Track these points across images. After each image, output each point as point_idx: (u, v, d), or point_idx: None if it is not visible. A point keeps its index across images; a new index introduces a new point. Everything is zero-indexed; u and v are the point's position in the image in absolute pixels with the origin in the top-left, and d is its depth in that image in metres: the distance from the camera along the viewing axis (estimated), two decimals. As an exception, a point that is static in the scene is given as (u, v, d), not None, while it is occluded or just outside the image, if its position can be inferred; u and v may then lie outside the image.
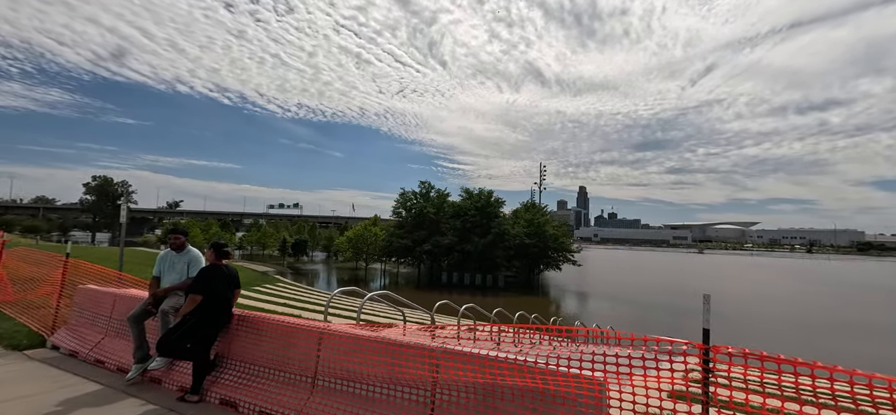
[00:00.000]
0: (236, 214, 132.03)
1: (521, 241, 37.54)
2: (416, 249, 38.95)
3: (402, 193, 44.02)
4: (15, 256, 8.55)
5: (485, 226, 39.21)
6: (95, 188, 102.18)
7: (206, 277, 4.01)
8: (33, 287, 8.11)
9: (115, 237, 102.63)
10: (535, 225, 39.68)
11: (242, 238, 78.08)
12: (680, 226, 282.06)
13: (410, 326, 6.78)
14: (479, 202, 40.10)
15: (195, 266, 4.91)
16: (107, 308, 5.46)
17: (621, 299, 33.88)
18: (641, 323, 24.99)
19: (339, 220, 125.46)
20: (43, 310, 6.86)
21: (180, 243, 4.95)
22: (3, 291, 8.07)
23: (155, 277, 4.90)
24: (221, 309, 4.10)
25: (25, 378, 4.53)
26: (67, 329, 5.74)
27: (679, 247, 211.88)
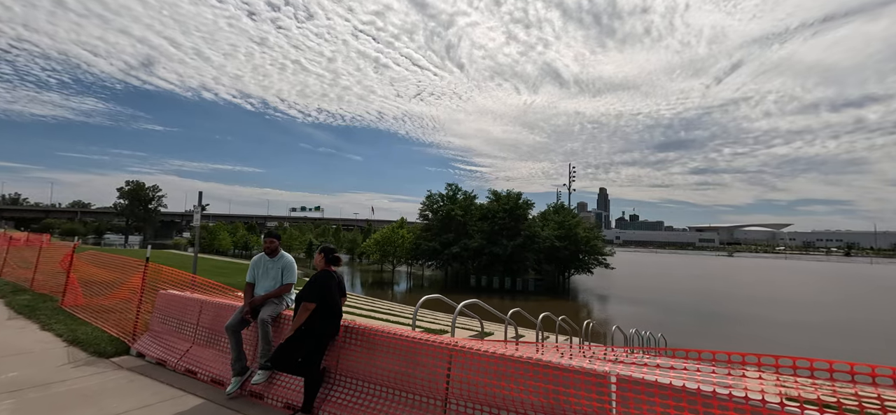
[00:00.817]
0: (261, 217, 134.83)
1: (552, 243, 36.76)
2: (444, 251, 38.64)
3: (429, 195, 43.88)
4: (84, 259, 8.61)
5: (513, 228, 38.59)
6: (128, 193, 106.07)
7: (322, 284, 3.75)
8: (103, 291, 8.13)
9: (145, 240, 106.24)
10: (565, 227, 38.84)
11: (268, 241, 79.28)
12: (706, 228, 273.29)
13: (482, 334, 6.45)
14: (507, 204, 39.50)
15: (289, 272, 4.69)
16: (193, 315, 5.30)
17: (666, 306, 32.70)
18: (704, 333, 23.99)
19: (361, 223, 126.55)
20: (118, 314, 6.81)
21: (274, 248, 4.74)
22: (75, 296, 8.11)
23: (249, 284, 4.70)
24: (335, 319, 3.84)
25: (124, 390, 4.38)
26: (151, 336, 5.62)
27: (706, 250, 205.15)
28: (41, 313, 7.40)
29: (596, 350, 3.30)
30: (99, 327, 6.50)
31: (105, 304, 7.48)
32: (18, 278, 11.04)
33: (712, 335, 23.56)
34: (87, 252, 9.04)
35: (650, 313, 28.15)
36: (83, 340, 5.87)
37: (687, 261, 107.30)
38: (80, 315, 7.31)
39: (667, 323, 24.15)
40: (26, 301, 8.33)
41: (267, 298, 4.48)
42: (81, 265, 8.49)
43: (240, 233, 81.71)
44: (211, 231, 79.21)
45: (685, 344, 20.12)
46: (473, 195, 43.90)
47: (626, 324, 22.70)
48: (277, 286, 4.62)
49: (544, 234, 37.17)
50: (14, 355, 5.27)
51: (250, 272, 4.74)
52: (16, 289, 9.70)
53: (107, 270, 8.44)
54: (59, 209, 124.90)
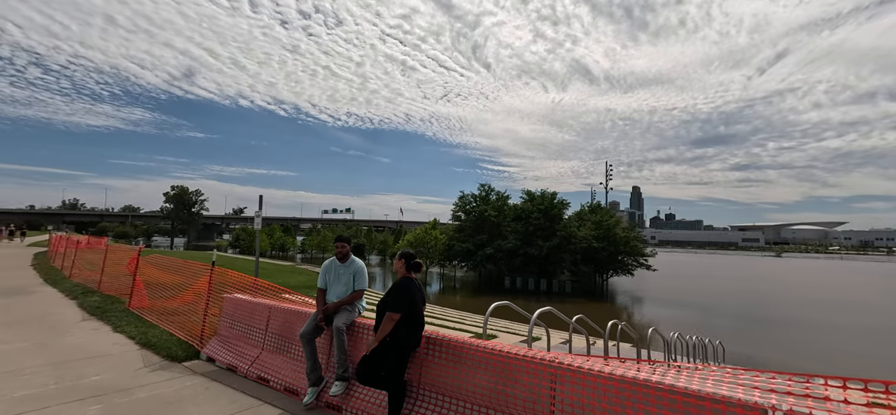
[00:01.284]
0: (294, 219, 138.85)
1: (589, 244, 35.61)
2: (478, 253, 38.24)
3: (461, 196, 43.59)
4: (148, 263, 8.90)
5: (549, 229, 37.70)
6: (173, 197, 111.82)
7: (408, 292, 3.53)
8: (167, 294, 8.36)
9: (189, 242, 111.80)
10: (603, 227, 37.54)
11: (304, 242, 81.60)
12: (749, 227, 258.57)
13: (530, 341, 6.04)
14: (542, 204, 38.65)
15: (360, 278, 4.53)
16: (261, 321, 5.25)
17: (715, 310, 30.99)
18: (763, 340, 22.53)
19: (391, 224, 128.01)
20: (183, 317, 6.94)
21: (345, 253, 4.59)
22: (141, 298, 8.38)
23: (321, 290, 4.57)
24: (419, 329, 3.63)
25: (201, 397, 4.34)
26: (219, 341, 5.63)
27: (750, 250, 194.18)
28: (112, 315, 7.67)
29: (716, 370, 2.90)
30: (167, 330, 6.63)
31: (170, 306, 7.66)
32: (86, 280, 11.63)
33: (774, 342, 22.01)
34: (150, 256, 9.35)
35: (699, 318, 26.67)
36: (155, 343, 5.98)
37: (730, 262, 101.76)
38: (147, 317, 7.51)
39: (720, 328, 22.77)
40: (96, 303, 8.69)
41: (340, 305, 4.33)
42: (145, 268, 8.77)
43: (277, 235, 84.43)
44: (250, 233, 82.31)
45: (745, 352, 18.84)
46: (506, 196, 43.32)
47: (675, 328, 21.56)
48: (349, 292, 4.46)
49: (581, 234, 36.06)
50: (94, 358, 5.40)
51: (322, 278, 4.61)
52: (86, 291, 10.19)
53: (168, 273, 8.68)
54: (112, 213, 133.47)
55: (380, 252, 77.64)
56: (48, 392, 4.27)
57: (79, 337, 6.40)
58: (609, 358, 3.51)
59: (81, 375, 4.77)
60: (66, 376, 4.70)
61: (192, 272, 7.77)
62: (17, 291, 10.46)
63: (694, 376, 2.67)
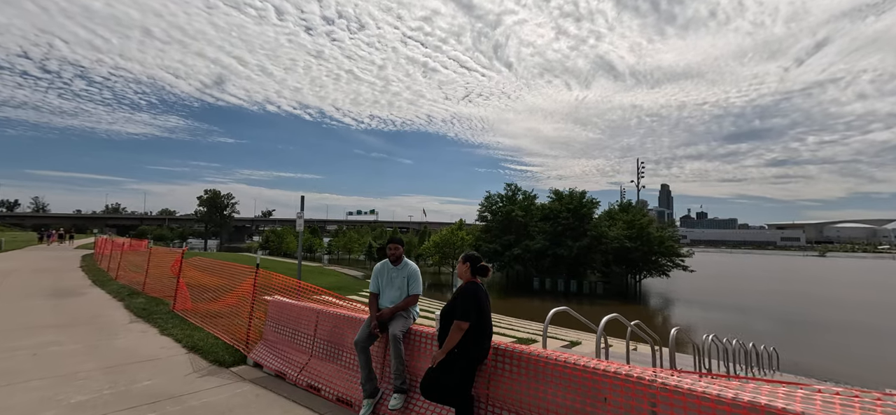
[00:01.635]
0: (321, 221, 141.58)
1: (621, 244, 34.43)
2: (506, 253, 37.68)
3: (488, 196, 43.11)
4: (191, 264, 8.98)
5: (578, 229, 36.74)
6: (206, 201, 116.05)
7: (477, 299, 3.22)
8: (208, 296, 8.39)
9: (222, 243, 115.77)
10: (636, 227, 36.23)
11: (330, 243, 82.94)
12: (788, 225, 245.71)
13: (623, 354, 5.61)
14: (570, 204, 37.71)
15: (415, 282, 4.26)
16: (308, 326, 5.07)
17: (761, 313, 29.38)
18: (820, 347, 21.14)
19: (415, 225, 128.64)
20: (226, 319, 6.88)
21: (399, 255, 4.33)
22: (184, 300, 8.43)
23: (373, 294, 4.33)
24: (488, 339, 3.32)
25: (252, 406, 4.17)
26: (265, 346, 5.49)
27: (789, 249, 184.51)
28: (157, 317, 7.73)
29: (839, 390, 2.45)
30: (212, 333, 6.58)
31: (213, 309, 7.66)
32: (131, 282, 11.94)
33: (832, 350, 20.52)
34: (192, 258, 9.44)
35: (743, 322, 25.24)
36: (201, 347, 5.91)
37: (769, 262, 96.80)
38: (192, 320, 7.53)
39: (768, 333, 21.44)
40: (142, 305, 8.82)
41: (396, 311, 4.07)
42: (188, 270, 8.84)
43: (304, 236, 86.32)
44: (279, 235, 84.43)
45: (799, 359, 17.59)
46: (534, 195, 42.54)
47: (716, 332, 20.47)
48: (403, 297, 4.20)
49: (612, 234, 34.91)
50: (144, 362, 5.36)
51: (374, 282, 4.37)
52: (131, 292, 10.42)
53: (210, 275, 8.72)
54: (150, 217, 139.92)
55: (405, 253, 78.01)
56: (103, 398, 4.20)
57: (128, 340, 6.43)
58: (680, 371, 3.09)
59: (134, 380, 4.71)
60: (119, 381, 4.65)
61: (232, 274, 7.75)
62: (68, 292, 10.81)
63: (815, 397, 2.23)
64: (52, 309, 8.51)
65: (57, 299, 9.66)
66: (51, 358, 5.37)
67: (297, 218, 8.84)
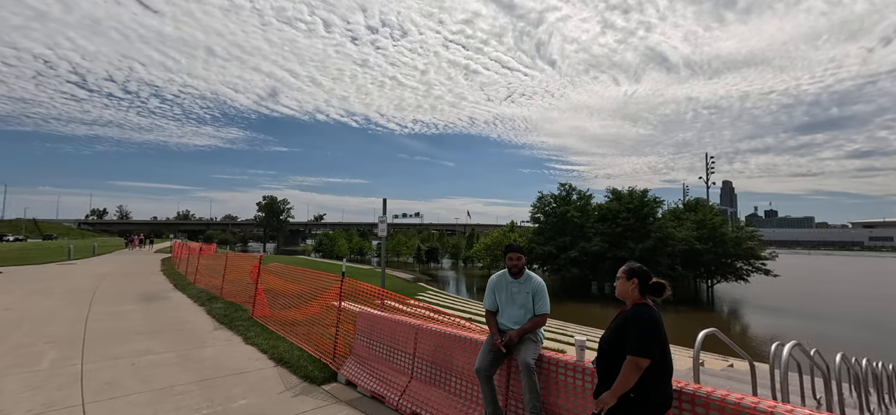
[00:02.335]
0: (369, 224, 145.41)
1: (691, 246, 31.65)
2: (561, 256, 36.07)
3: (540, 196, 41.60)
4: (268, 271, 8.96)
5: (640, 229, 34.38)
6: (265, 206, 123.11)
7: (656, 326, 2.51)
8: (284, 302, 8.28)
9: (279, 247, 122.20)
10: (707, 226, 33.18)
11: (379, 246, 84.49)
12: (878, 223, 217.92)
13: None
14: (631, 203, 35.37)
15: (542, 298, 3.59)
16: (406, 343, 4.58)
17: (868, 325, 25.85)
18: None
19: (460, 227, 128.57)
20: (306, 328, 6.63)
21: (521, 266, 3.69)
22: (263, 307, 8.38)
23: (490, 312, 3.73)
24: (670, 379, 2.60)
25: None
26: (357, 362, 5.09)
27: (880, 250, 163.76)
28: (239, 324, 7.68)
29: None
30: (295, 343, 6.35)
31: (291, 317, 7.48)
32: (209, 286, 12.33)
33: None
34: (270, 263, 9.44)
35: (844, 334, 22.13)
36: (288, 360, 5.65)
37: (858, 264, 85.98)
38: (272, 327, 7.40)
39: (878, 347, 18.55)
40: (222, 311, 8.90)
41: (523, 334, 3.44)
42: (265, 276, 8.80)
43: (355, 239, 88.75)
44: (331, 238, 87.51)
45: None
46: (589, 195, 40.45)
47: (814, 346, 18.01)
48: (528, 316, 3.56)
49: (680, 235, 32.20)
50: (235, 375, 5.15)
51: (490, 297, 3.77)
52: (210, 297, 10.68)
53: (288, 281, 8.63)
54: (215, 222, 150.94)
55: (452, 255, 77.88)
56: (202, 419, 3.95)
57: (215, 349, 6.34)
58: None
59: (229, 397, 4.45)
60: (215, 398, 4.41)
61: (309, 280, 7.54)
62: (154, 296, 11.30)
63: None
64: (143, 314, 8.79)
65: (145, 303, 10.06)
66: (148, 369, 5.30)
67: (380, 223, 8.46)
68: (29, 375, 4.98)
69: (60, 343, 6.37)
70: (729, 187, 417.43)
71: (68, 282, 14.18)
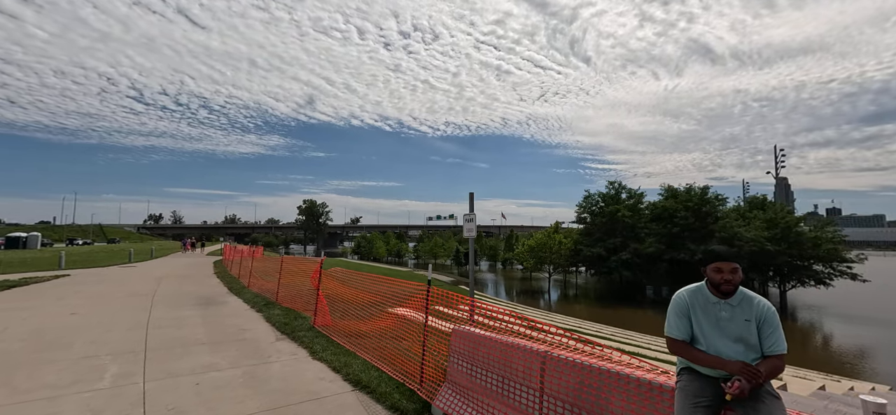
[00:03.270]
0: (404, 226, 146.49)
1: (761, 247, 28.72)
2: (611, 258, 34.01)
3: (587, 195, 39.64)
4: (330, 275, 8.30)
5: (700, 229, 31.77)
6: (305, 210, 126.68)
7: None
8: (346, 311, 7.57)
9: (318, 249, 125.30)
10: (780, 225, 30.03)
11: (417, 248, 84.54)
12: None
13: None
14: (689, 201, 32.79)
15: (773, 330, 2.39)
16: (528, 374, 3.60)
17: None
18: None
19: (495, 229, 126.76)
20: (375, 342, 5.84)
21: (737, 282, 2.52)
22: (324, 315, 7.71)
23: (682, 343, 2.62)
24: None
25: None
26: (455, 393, 4.17)
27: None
28: (301, 335, 7.03)
29: None
30: (370, 362, 5.55)
31: (356, 328, 6.74)
32: (263, 290, 11.96)
33: None
34: (332, 267, 8.79)
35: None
36: (367, 383, 4.83)
37: (951, 267, 76.45)
38: (336, 339, 6.68)
39: None
40: (281, 318, 8.32)
41: (756, 383, 2.29)
42: (326, 281, 8.14)
43: (392, 242, 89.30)
44: (369, 240, 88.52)
45: None
46: (641, 193, 38.04)
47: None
48: (752, 356, 2.33)
49: (749, 235, 29.34)
50: (310, 402, 4.38)
51: (680, 322, 2.55)
52: (267, 302, 10.21)
53: (354, 288, 7.91)
54: (259, 226, 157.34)
55: (490, 258, 76.46)
56: (285, 468, 3.15)
57: (282, 365, 5.66)
58: None
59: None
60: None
61: (378, 285, 6.75)
62: (210, 300, 11.02)
63: None
64: (202, 320, 8.37)
65: (203, 308, 9.72)
66: (213, 390, 4.65)
67: (466, 221, 7.54)
68: (90, 395, 4.44)
69: (122, 355, 5.92)
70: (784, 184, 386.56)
71: (129, 285, 14.34)
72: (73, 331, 7.29)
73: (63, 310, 9.26)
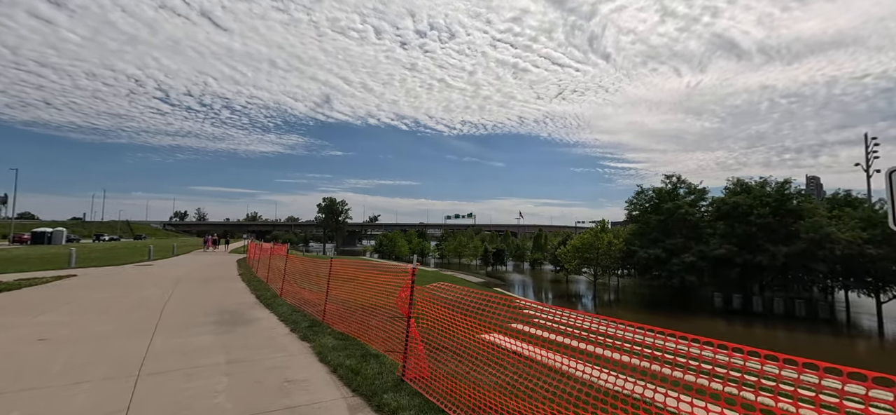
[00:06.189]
0: (422, 225, 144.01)
1: (860, 250, 24.56)
2: (672, 261, 30.23)
3: (639, 191, 35.87)
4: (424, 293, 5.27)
5: (780, 229, 27.73)
6: (325, 208, 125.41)
7: None
8: (447, 344, 4.59)
9: (338, 247, 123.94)
10: (879, 225, 25.74)
11: (441, 247, 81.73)
12: None
13: None
14: (767, 197, 28.77)
15: None
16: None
17: None
18: None
19: (512, 228, 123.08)
20: None
21: None
22: (419, 363, 4.73)
23: None
24: None
25: None
26: None
27: None
28: (388, 399, 4.07)
29: None
30: None
31: (475, 381, 3.72)
32: (302, 303, 9.10)
33: None
34: (434, 284, 5.76)
35: None
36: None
37: None
38: (447, 409, 3.69)
39: None
40: (340, 356, 5.39)
41: None
42: (423, 303, 5.12)
43: (414, 241, 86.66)
44: (390, 239, 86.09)
45: None
46: (703, 188, 34.05)
47: None
48: None
49: (845, 236, 25.20)
50: None
51: None
52: (311, 323, 7.32)
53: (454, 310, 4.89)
54: (280, 223, 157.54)
55: (518, 257, 72.96)
56: None
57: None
58: None
59: None
60: None
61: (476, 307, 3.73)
62: (235, 317, 8.24)
63: None
64: (224, 358, 5.53)
65: (226, 334, 6.92)
66: None
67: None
68: None
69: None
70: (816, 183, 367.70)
71: (139, 290, 11.80)
72: (14, 377, 4.54)
73: (32, 333, 6.59)
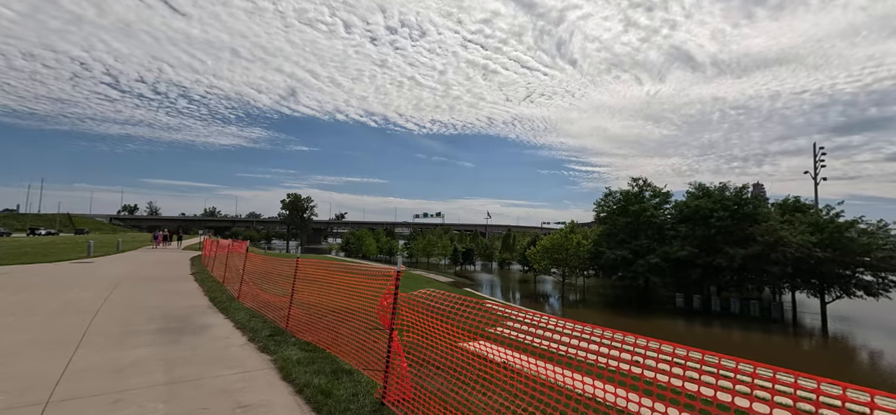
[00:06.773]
0: (390, 223, 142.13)
1: (809, 253, 26.06)
2: (637, 262, 30.99)
3: (607, 193, 36.58)
4: (409, 302, 4.57)
5: (737, 232, 29.05)
6: (289, 204, 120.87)
7: None
8: (431, 357, 3.95)
9: (301, 244, 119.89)
10: (826, 229, 27.37)
11: (410, 246, 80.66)
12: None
13: None
14: (726, 201, 30.04)
15: None
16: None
17: None
18: None
19: (480, 227, 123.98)
20: None
21: None
22: (401, 382, 4.05)
23: None
24: None
25: None
26: None
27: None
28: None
29: None
30: None
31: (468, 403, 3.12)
32: (261, 305, 8.13)
33: None
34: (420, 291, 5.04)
35: None
36: None
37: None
38: None
39: None
40: (306, 373, 4.62)
41: None
42: (407, 310, 4.43)
43: (383, 239, 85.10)
44: (358, 237, 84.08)
45: None
46: (667, 192, 35.20)
47: None
48: None
49: (796, 239, 26.67)
50: None
51: None
52: (273, 332, 6.43)
53: (437, 317, 4.24)
54: (240, 219, 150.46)
55: (485, 257, 73.27)
56: None
57: None
58: None
59: None
60: None
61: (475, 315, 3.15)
62: (183, 324, 7.18)
63: None
64: (164, 375, 4.61)
65: (170, 344, 5.93)
66: None
67: None
68: None
69: None
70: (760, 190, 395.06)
71: (69, 291, 10.33)
72: None
73: (-84, 347, 5.34)
